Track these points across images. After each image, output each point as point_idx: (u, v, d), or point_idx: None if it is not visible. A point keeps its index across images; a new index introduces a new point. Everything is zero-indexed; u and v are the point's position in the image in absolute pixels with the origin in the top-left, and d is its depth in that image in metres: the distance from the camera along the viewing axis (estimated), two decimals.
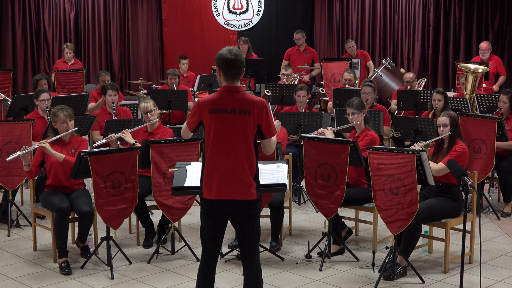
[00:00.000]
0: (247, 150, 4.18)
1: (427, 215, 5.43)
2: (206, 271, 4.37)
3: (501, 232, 6.65)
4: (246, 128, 4.14)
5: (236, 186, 4.17)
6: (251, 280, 4.35)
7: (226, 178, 4.17)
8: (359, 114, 6.18)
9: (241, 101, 4.13)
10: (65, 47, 11.03)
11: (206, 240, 4.33)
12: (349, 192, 5.79)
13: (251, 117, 4.13)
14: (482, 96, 8.31)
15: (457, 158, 5.43)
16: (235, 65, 4.09)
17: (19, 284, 5.31)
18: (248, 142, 4.17)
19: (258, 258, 4.37)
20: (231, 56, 4.08)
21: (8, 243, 6.26)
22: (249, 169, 4.19)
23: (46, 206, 5.77)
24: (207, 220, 4.30)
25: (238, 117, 4.13)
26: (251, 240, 4.33)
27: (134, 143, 6.23)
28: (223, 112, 4.14)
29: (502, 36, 12.72)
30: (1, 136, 6.49)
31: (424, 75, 12.83)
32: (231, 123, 4.14)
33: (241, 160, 4.17)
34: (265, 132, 4.20)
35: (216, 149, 4.20)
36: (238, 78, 4.16)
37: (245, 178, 4.18)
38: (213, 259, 4.38)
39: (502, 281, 5.39)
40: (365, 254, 5.91)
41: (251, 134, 4.17)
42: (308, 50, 11.36)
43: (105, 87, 8.02)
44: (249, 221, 4.28)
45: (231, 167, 4.17)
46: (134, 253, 5.97)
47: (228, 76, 4.13)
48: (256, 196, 4.21)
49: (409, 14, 13.07)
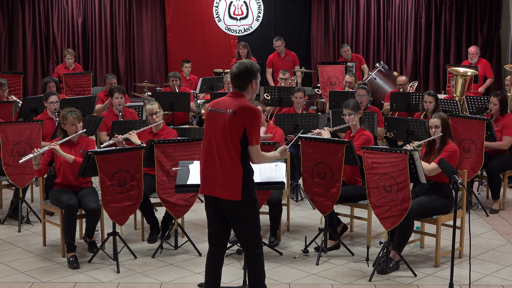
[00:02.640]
0: (231, 150, 4.13)
1: (419, 212, 5.43)
2: (211, 267, 4.39)
3: (490, 228, 6.65)
4: (231, 127, 4.13)
5: (218, 184, 4.17)
6: (249, 280, 4.39)
7: (210, 175, 4.21)
8: (355, 115, 6.17)
9: (236, 105, 4.16)
10: (66, 53, 10.97)
11: (209, 236, 4.39)
12: (345, 190, 5.79)
13: (235, 117, 4.11)
14: (471, 98, 8.31)
15: (448, 158, 5.43)
16: (234, 77, 4.23)
17: (29, 277, 5.30)
18: (233, 142, 4.13)
19: (258, 260, 4.31)
20: (233, 69, 4.23)
21: (19, 239, 6.26)
22: (232, 168, 4.13)
23: (55, 203, 5.77)
24: (207, 216, 4.38)
25: (225, 116, 4.15)
26: (243, 240, 4.32)
27: (139, 144, 6.23)
28: (215, 111, 4.23)
29: (490, 40, 12.74)
30: (12, 136, 6.49)
31: (416, 78, 12.83)
32: (219, 121, 4.18)
33: (225, 159, 4.15)
34: (249, 137, 4.14)
35: (205, 145, 4.26)
36: (241, 87, 4.23)
37: (228, 177, 4.14)
38: (218, 255, 4.38)
39: (491, 274, 5.39)
40: (359, 249, 5.91)
41: (236, 134, 4.12)
42: (288, 54, 11.29)
43: (112, 89, 8.01)
44: (235, 221, 4.25)
45: (216, 164, 4.18)
46: (139, 248, 5.96)
47: (232, 84, 4.29)
48: (239, 197, 4.13)
49: (401, 19, 13.07)
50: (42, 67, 13.21)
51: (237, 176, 4.13)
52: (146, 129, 6.56)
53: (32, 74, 13.13)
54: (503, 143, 7.17)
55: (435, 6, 12.92)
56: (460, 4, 12.86)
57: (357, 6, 13.12)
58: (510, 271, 5.46)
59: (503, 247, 6.05)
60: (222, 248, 4.41)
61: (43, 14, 13.11)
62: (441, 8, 12.92)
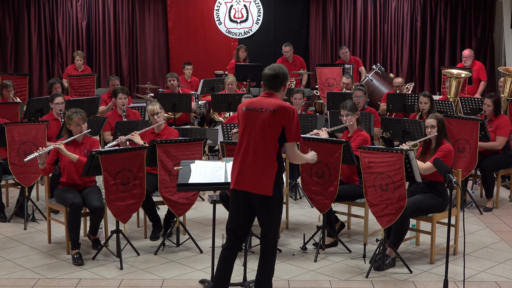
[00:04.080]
0: (270, 147, 4.26)
1: (415, 210, 5.43)
2: (226, 261, 4.47)
3: (484, 225, 6.65)
4: (270, 124, 4.25)
5: (254, 178, 4.26)
6: (260, 275, 4.47)
7: (246, 170, 4.28)
8: (352, 116, 6.17)
9: (272, 103, 4.30)
10: (76, 55, 10.98)
11: (229, 231, 4.45)
12: (342, 189, 5.79)
13: (275, 116, 4.24)
14: (465, 99, 8.31)
15: (443, 158, 5.43)
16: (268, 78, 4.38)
17: (34, 274, 5.30)
18: (272, 139, 4.26)
19: (273, 258, 4.44)
20: (267, 71, 4.38)
21: (25, 236, 6.26)
22: (268, 164, 4.26)
23: (60, 202, 5.77)
24: (231, 212, 4.44)
25: (265, 114, 4.26)
26: (265, 235, 4.39)
27: (142, 145, 6.23)
28: (252, 110, 4.32)
29: (484, 43, 12.74)
30: (18, 137, 6.49)
31: (412, 79, 12.83)
32: (258, 120, 4.28)
33: (262, 155, 4.26)
34: (288, 134, 4.28)
35: (242, 142, 4.32)
36: (276, 88, 4.37)
37: (263, 173, 4.26)
38: (234, 250, 4.46)
39: (484, 271, 5.39)
40: (356, 246, 5.91)
41: (275, 132, 4.26)
42: (296, 60, 11.28)
43: (116, 90, 8.00)
44: (263, 216, 4.35)
45: (253, 160, 4.27)
46: (142, 245, 5.96)
47: (265, 86, 4.40)
48: (271, 193, 4.26)
49: (397, 23, 13.07)
50: (48, 69, 13.21)
51: (272, 172, 4.27)
52: (148, 129, 6.56)
53: (37, 75, 13.13)
54: (496, 143, 7.18)
55: (430, 10, 12.93)
56: (454, 8, 12.87)
57: (354, 10, 13.13)
58: (503, 267, 5.46)
59: (496, 245, 6.05)
60: (239, 243, 4.49)
61: (48, 17, 13.11)
62: (436, 11, 12.93)
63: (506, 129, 7.22)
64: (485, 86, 10.17)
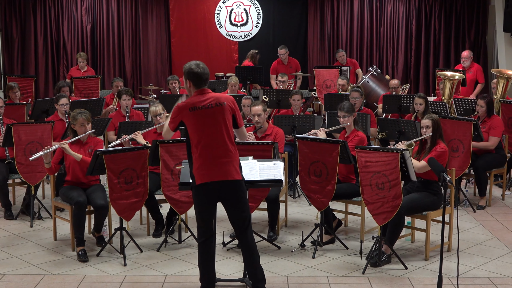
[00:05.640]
0: (229, 136, 4.45)
1: (410, 208, 5.43)
2: (209, 254, 4.55)
3: (477, 223, 6.65)
4: (224, 117, 4.44)
5: (224, 169, 4.40)
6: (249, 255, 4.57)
7: (215, 163, 4.40)
8: (350, 117, 6.17)
9: (214, 98, 4.48)
10: (79, 57, 10.95)
11: (203, 227, 4.52)
12: (339, 187, 5.78)
13: (226, 107, 4.46)
14: (459, 100, 8.31)
15: (438, 157, 5.43)
16: (203, 77, 4.53)
17: (40, 270, 5.30)
18: (228, 129, 4.46)
19: (251, 233, 4.59)
20: (199, 70, 4.53)
21: (31, 233, 6.26)
22: (233, 153, 4.46)
23: (65, 200, 5.76)
24: (203, 208, 4.50)
25: (216, 109, 4.44)
26: (242, 217, 4.51)
27: (145, 144, 6.22)
28: (202, 108, 4.44)
29: (477, 45, 12.74)
30: (25, 137, 6.48)
31: (407, 81, 12.82)
32: (210, 115, 4.42)
33: (226, 145, 4.42)
34: (239, 121, 4.57)
35: (204, 139, 4.40)
36: (206, 84, 4.55)
37: (230, 161, 4.43)
38: (212, 242, 4.57)
39: (478, 267, 5.39)
40: (353, 243, 5.91)
41: (229, 122, 4.48)
42: (291, 62, 11.25)
43: (121, 92, 8.00)
44: (239, 200, 4.47)
45: (219, 152, 4.40)
46: (145, 242, 5.96)
47: (199, 85, 4.51)
48: (240, 176, 4.46)
49: (393, 26, 13.07)
50: (53, 71, 13.20)
51: (237, 157, 4.51)
52: (151, 129, 6.56)
53: (43, 77, 13.12)
54: (489, 143, 7.17)
55: (425, 13, 12.93)
56: (448, 12, 12.87)
57: (351, 14, 13.12)
58: (495, 264, 5.46)
59: (489, 242, 6.05)
60: (213, 233, 4.60)
61: (54, 21, 13.10)
62: (430, 15, 12.93)
63: (499, 129, 7.22)
64: (482, 88, 10.14)
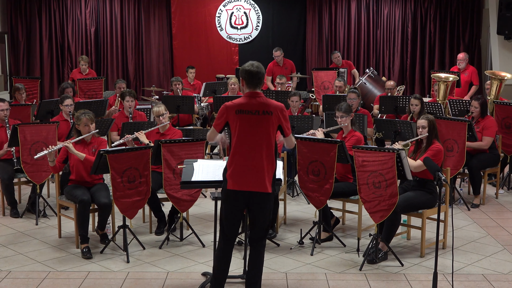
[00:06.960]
0: (268, 147, 4.25)
1: (406, 206, 5.43)
2: (225, 257, 4.44)
3: (471, 221, 6.65)
4: (268, 127, 4.24)
5: (255, 179, 4.22)
6: (252, 268, 4.45)
7: (247, 172, 4.22)
8: (347, 117, 6.17)
9: (263, 104, 4.24)
10: (81, 60, 10.88)
11: (225, 230, 4.38)
12: (337, 186, 5.78)
13: (273, 117, 4.23)
14: (454, 101, 8.31)
15: (433, 157, 5.43)
16: (256, 76, 4.27)
17: (45, 267, 5.30)
18: (269, 140, 4.25)
19: (263, 251, 4.44)
20: (253, 68, 4.27)
21: (36, 231, 6.26)
22: (267, 164, 4.25)
23: (70, 198, 5.76)
24: (229, 213, 4.34)
25: (262, 117, 4.22)
26: (260, 230, 4.37)
27: (148, 143, 6.23)
28: (249, 113, 4.22)
29: (472, 48, 12.76)
30: (30, 137, 6.48)
31: (403, 82, 12.84)
32: (255, 122, 4.22)
33: (261, 156, 4.23)
34: (286, 130, 4.31)
35: (240, 145, 4.25)
36: (259, 86, 4.29)
37: (262, 173, 4.23)
38: (231, 247, 4.43)
39: (472, 264, 5.39)
40: (351, 241, 5.91)
41: (273, 132, 4.27)
42: (286, 63, 11.20)
43: (124, 93, 7.99)
44: (262, 212, 4.32)
45: (253, 162, 4.22)
46: (147, 240, 5.96)
47: (252, 84, 4.27)
48: (271, 189, 4.27)
49: (389, 29, 13.08)
50: (58, 73, 13.21)
51: (273, 170, 4.31)
52: (153, 129, 6.56)
53: (48, 79, 13.14)
54: (483, 143, 7.17)
55: (420, 17, 12.94)
56: (443, 15, 12.88)
57: (348, 17, 13.13)
58: (489, 261, 5.46)
59: (483, 239, 6.05)
60: (234, 240, 4.47)
61: (58, 24, 13.12)
62: (426, 18, 12.94)
63: (492, 129, 7.22)
64: (476, 90, 10.12)
